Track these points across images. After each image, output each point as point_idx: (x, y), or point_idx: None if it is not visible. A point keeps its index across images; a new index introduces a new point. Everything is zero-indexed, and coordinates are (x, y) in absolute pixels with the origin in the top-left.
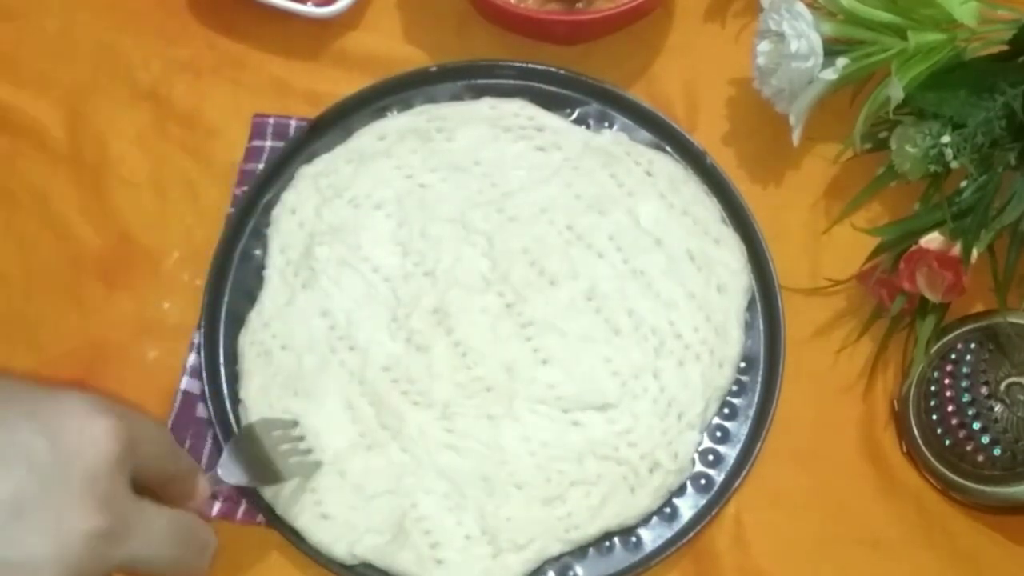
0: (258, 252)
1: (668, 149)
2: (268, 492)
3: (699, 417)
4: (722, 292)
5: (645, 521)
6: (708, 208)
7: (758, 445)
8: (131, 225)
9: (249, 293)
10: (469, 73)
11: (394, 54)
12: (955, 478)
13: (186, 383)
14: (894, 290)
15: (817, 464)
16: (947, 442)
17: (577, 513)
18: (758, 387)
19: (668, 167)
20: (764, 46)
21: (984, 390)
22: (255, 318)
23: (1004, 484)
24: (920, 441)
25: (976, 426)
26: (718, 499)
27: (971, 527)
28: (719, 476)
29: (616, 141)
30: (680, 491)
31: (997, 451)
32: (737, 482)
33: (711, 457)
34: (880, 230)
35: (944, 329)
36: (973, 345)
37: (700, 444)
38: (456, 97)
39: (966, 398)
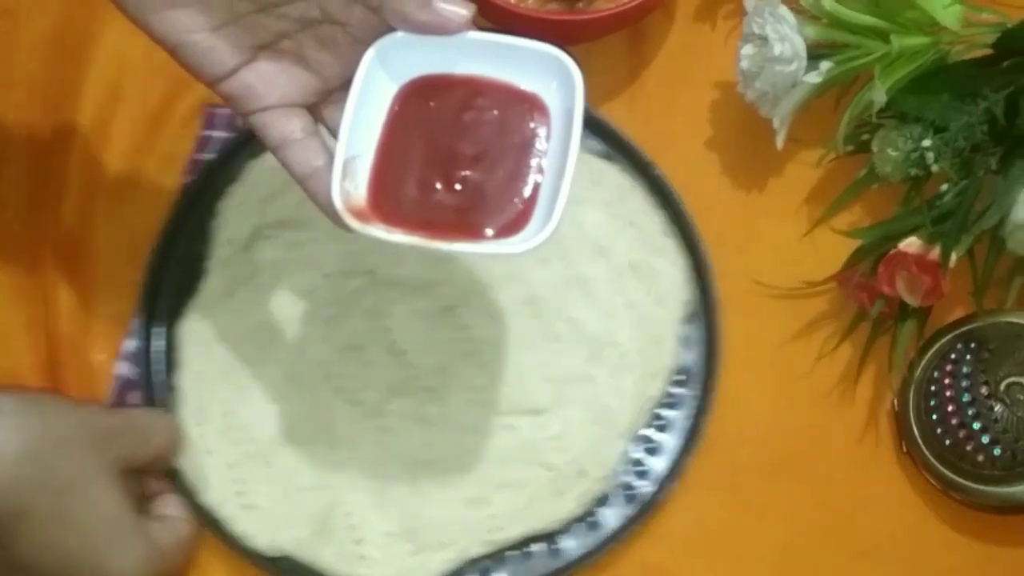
0: (202, 243)
1: (617, 157)
2: (191, 479)
3: (629, 427)
4: (661, 304)
5: (568, 528)
6: (652, 219)
7: (688, 459)
8: (81, 218)
9: (190, 283)
10: None
11: None
12: (955, 478)
13: (121, 368)
14: (874, 294)
15: (807, 471)
16: (947, 442)
17: (501, 515)
18: (694, 401)
19: (616, 177)
20: (748, 50)
21: (984, 390)
22: (194, 309)
23: (1004, 484)
24: (920, 441)
25: (976, 426)
26: (644, 511)
27: (971, 528)
28: (646, 487)
29: None
30: (606, 500)
31: (997, 451)
32: (663, 495)
33: (640, 468)
34: (859, 232)
35: (942, 329)
36: (973, 345)
37: (629, 454)
38: None
39: (966, 398)
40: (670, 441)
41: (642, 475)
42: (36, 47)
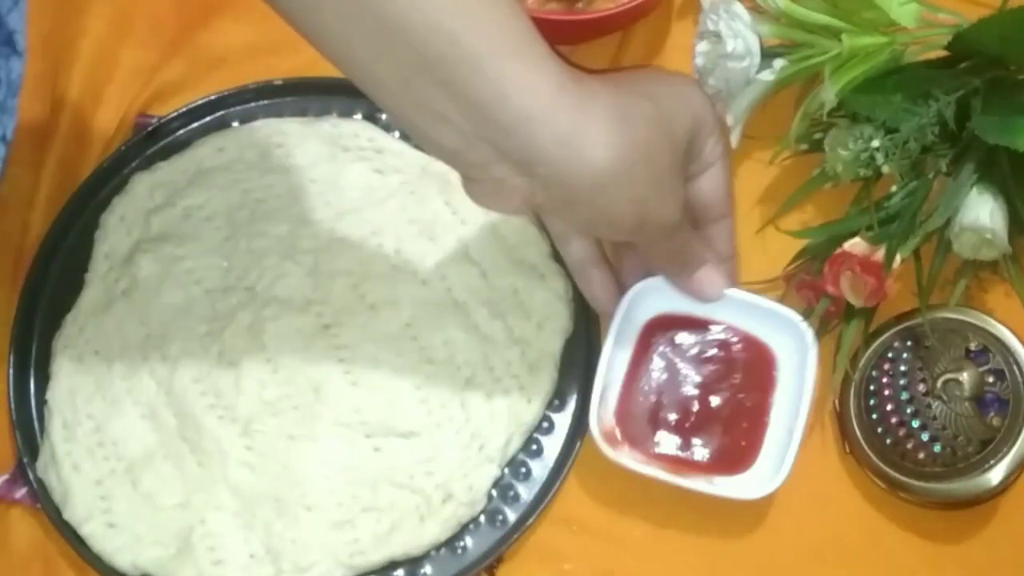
0: (84, 255)
1: None
2: (57, 495)
3: (500, 451)
4: (541, 328)
5: (433, 553)
6: (538, 242)
7: (556, 485)
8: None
9: (71, 295)
10: (314, 89)
11: None
12: (899, 477)
13: None
14: (819, 293)
15: None
16: (888, 441)
17: (364, 539)
18: (566, 429)
19: None
20: (703, 46)
21: (922, 387)
22: (71, 321)
23: (946, 480)
24: (862, 441)
25: (915, 424)
26: (507, 537)
27: (919, 526)
28: (514, 514)
29: None
30: (474, 526)
31: (937, 448)
32: (531, 520)
33: (511, 494)
34: (806, 232)
35: (881, 327)
36: (910, 343)
37: (499, 479)
38: (301, 112)
39: (904, 396)
40: (539, 467)
41: (512, 501)
42: (34, 48)
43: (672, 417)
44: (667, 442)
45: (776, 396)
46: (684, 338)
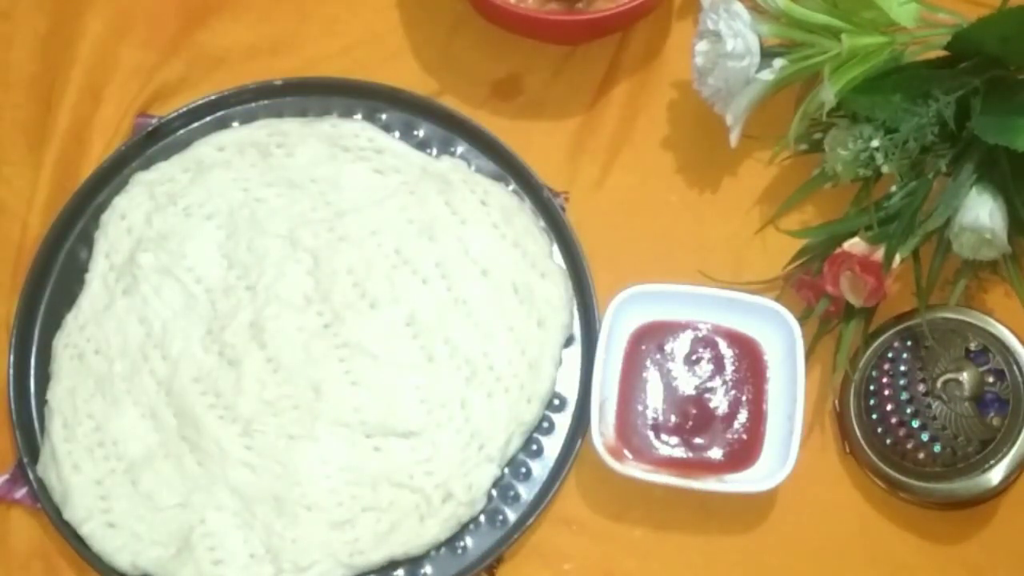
0: (84, 255)
1: (506, 177)
2: (57, 495)
3: (499, 451)
4: (541, 327)
5: (433, 553)
6: (538, 242)
7: (556, 485)
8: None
9: (71, 295)
10: (314, 89)
11: (372, 51)
12: (899, 477)
13: None
14: (819, 292)
15: None
16: (888, 441)
17: (363, 539)
18: (566, 429)
19: (503, 198)
20: (702, 46)
21: (922, 387)
22: (71, 321)
23: (946, 480)
24: (862, 441)
25: (915, 424)
26: (507, 537)
27: (918, 525)
28: (514, 514)
29: (454, 168)
30: (474, 526)
31: (937, 448)
32: (531, 520)
33: (511, 494)
34: (805, 232)
35: (881, 327)
36: (910, 343)
37: (498, 478)
38: (301, 112)
39: (904, 396)
40: (540, 468)
41: (513, 501)
42: (34, 48)
43: (672, 422)
44: (671, 447)
45: (769, 386)
46: (671, 343)
